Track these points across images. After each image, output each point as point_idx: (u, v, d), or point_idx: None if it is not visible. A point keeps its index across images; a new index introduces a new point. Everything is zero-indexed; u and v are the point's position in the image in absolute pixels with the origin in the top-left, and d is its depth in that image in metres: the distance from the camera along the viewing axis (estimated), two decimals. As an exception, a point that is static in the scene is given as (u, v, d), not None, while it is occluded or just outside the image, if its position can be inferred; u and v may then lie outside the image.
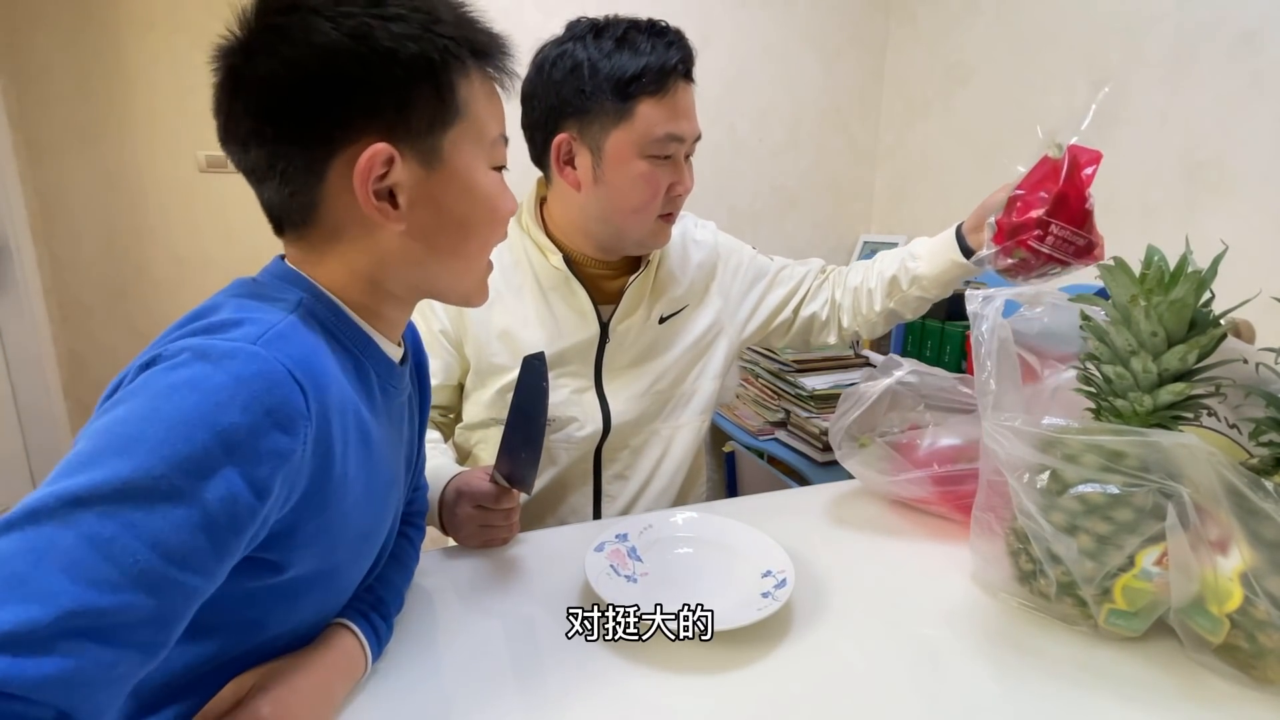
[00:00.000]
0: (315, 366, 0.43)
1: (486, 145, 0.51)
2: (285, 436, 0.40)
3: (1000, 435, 0.61)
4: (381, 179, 0.46)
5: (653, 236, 0.88)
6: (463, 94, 0.48)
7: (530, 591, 0.68)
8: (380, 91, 0.45)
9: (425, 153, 0.48)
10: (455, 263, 0.53)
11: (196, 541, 0.36)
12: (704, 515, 0.78)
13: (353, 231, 0.48)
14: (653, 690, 0.55)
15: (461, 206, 0.50)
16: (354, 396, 0.48)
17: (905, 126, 2.02)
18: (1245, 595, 0.52)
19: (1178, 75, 1.31)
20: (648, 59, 0.78)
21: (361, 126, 0.45)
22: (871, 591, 0.69)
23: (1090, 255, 0.73)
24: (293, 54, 0.44)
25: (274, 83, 0.45)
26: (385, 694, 0.54)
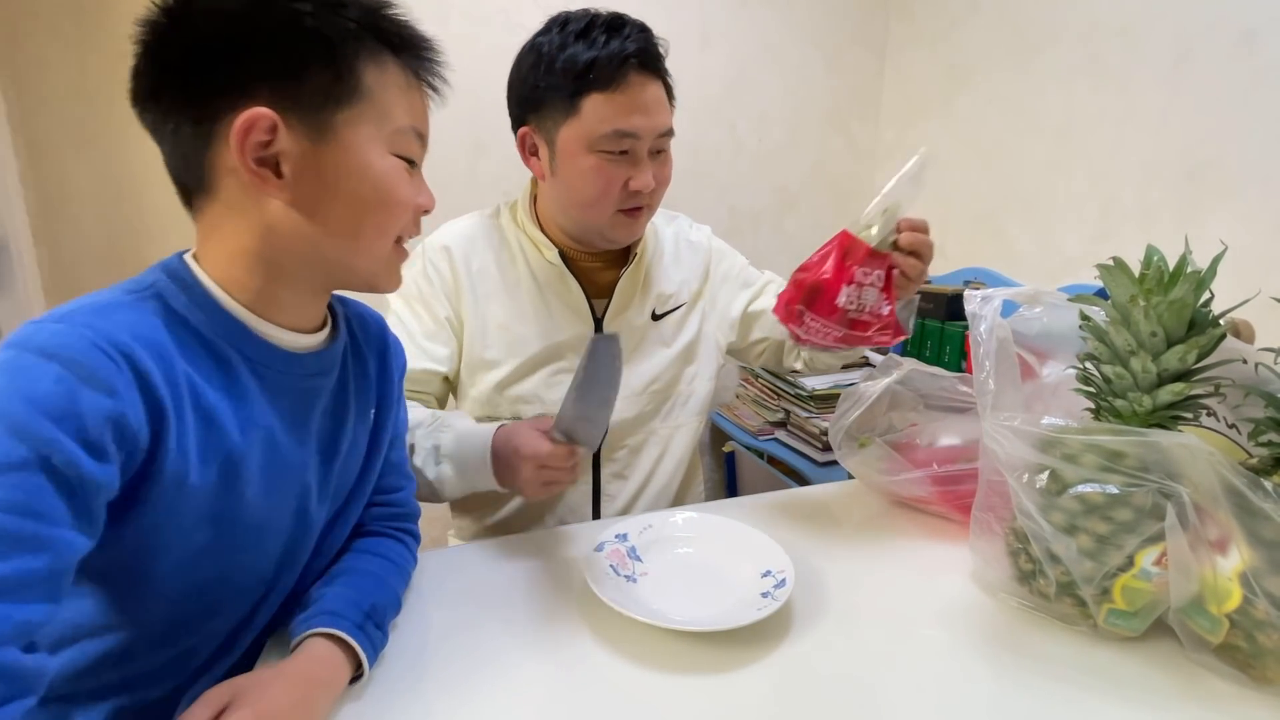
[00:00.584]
0: (127, 338, 0.44)
1: (388, 132, 0.52)
2: (105, 398, 0.42)
3: (1000, 435, 0.61)
4: (267, 146, 0.47)
5: (614, 230, 0.87)
6: (369, 79, 0.50)
7: (530, 592, 0.68)
8: (272, 59, 0.47)
9: (316, 126, 0.49)
10: (349, 243, 0.53)
11: (54, 502, 0.40)
12: (704, 515, 0.78)
13: (242, 203, 0.49)
14: (653, 690, 0.55)
15: (351, 184, 0.51)
16: (191, 376, 0.48)
17: (905, 126, 2.02)
18: (1244, 595, 0.52)
19: (1178, 75, 1.31)
20: (598, 52, 0.77)
21: (251, 92, 0.47)
22: (871, 591, 0.69)
23: (862, 341, 0.70)
24: (194, 20, 0.47)
25: (173, 41, 0.47)
26: (383, 695, 0.54)
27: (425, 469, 0.77)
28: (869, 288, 0.68)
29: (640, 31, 0.81)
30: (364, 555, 0.64)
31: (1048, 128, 1.58)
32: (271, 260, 0.51)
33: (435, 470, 0.77)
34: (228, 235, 0.51)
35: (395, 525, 0.69)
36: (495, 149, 1.68)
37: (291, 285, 0.53)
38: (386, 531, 0.68)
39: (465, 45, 1.62)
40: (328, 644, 0.53)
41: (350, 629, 0.54)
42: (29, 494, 0.39)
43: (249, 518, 0.53)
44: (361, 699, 0.53)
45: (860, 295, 0.68)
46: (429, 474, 0.77)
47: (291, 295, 0.54)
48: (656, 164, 0.85)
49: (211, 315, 0.50)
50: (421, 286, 0.90)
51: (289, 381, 0.55)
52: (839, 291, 0.66)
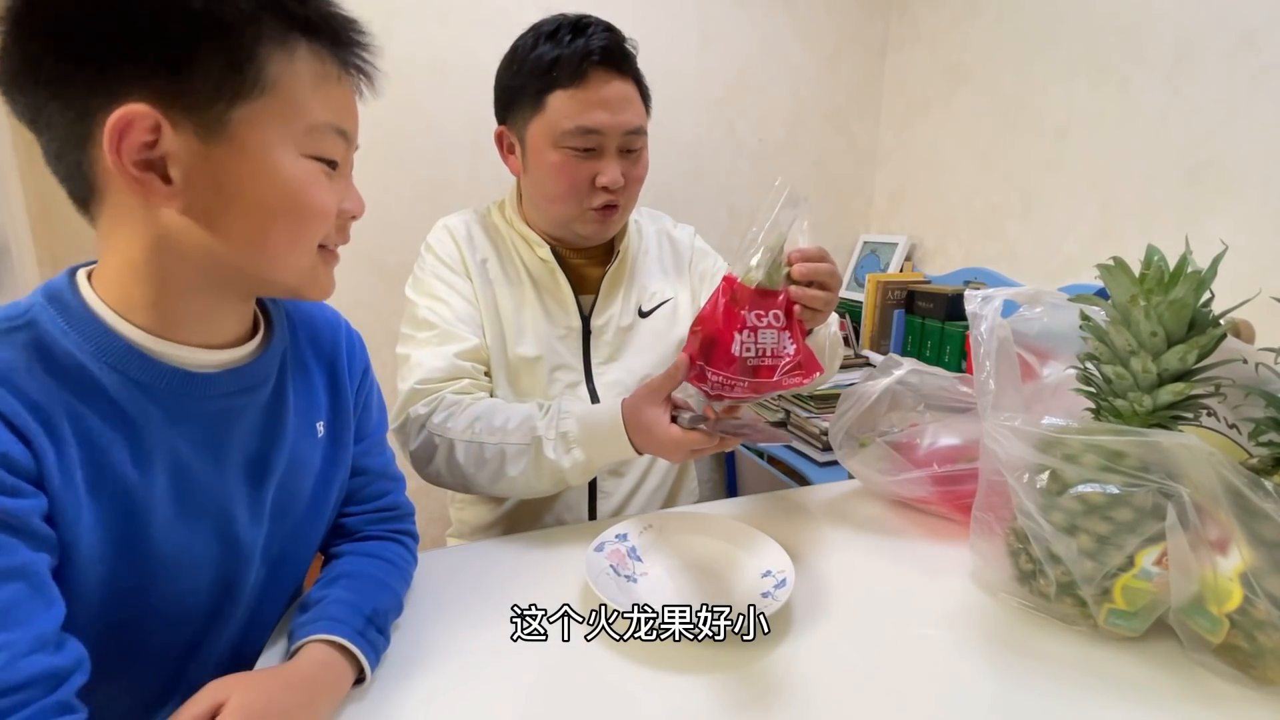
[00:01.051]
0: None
1: (298, 130, 0.46)
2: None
3: (1000, 435, 0.61)
4: (151, 147, 0.42)
5: (584, 226, 0.88)
6: (273, 69, 0.43)
7: (530, 592, 0.68)
8: (154, 45, 0.40)
9: (207, 124, 0.42)
10: (257, 254, 0.47)
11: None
12: (704, 515, 0.78)
13: (130, 210, 0.44)
14: (653, 690, 0.55)
15: (254, 190, 0.45)
16: (73, 406, 0.44)
17: (905, 126, 2.02)
18: (1245, 595, 0.52)
19: (1178, 75, 1.31)
20: (562, 50, 0.79)
21: (128, 84, 0.40)
22: (871, 591, 0.69)
23: (771, 387, 0.66)
24: (63, 2, 0.40)
25: (36, 19, 0.41)
26: (384, 695, 0.54)
27: (559, 459, 0.77)
28: (765, 330, 0.65)
29: (605, 31, 0.82)
30: (363, 558, 0.64)
31: (1048, 128, 1.58)
32: (168, 273, 0.46)
33: (569, 458, 0.77)
34: (119, 246, 0.45)
35: (391, 529, 0.69)
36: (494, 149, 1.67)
37: (193, 299, 0.48)
38: (383, 535, 0.68)
39: (465, 45, 1.62)
40: (328, 649, 0.53)
41: (351, 635, 0.54)
42: None
43: (158, 550, 0.49)
44: (362, 699, 0.53)
45: (756, 339, 0.64)
46: (564, 463, 0.76)
47: (195, 309, 0.49)
48: (628, 162, 0.86)
49: (95, 340, 0.45)
50: (441, 274, 0.90)
51: (195, 405, 0.50)
52: (732, 340, 0.63)
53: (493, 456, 0.78)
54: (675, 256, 1.02)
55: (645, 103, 0.87)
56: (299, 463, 0.59)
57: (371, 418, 0.69)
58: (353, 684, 0.54)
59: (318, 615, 0.55)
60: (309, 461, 0.60)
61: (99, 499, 0.46)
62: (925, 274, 1.95)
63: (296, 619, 0.56)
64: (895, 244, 1.99)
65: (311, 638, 0.53)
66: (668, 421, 0.70)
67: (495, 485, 0.80)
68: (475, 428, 0.79)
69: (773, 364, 0.65)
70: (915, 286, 1.80)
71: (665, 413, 0.71)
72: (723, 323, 0.65)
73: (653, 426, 0.70)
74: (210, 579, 0.54)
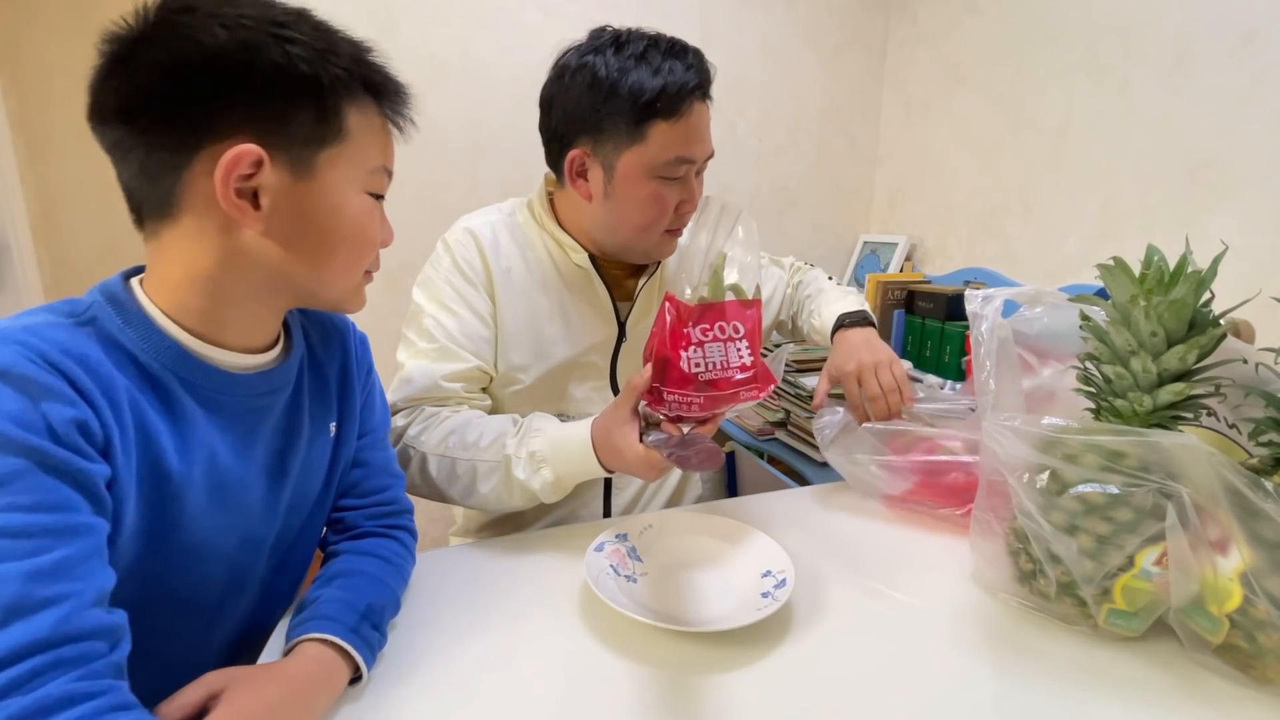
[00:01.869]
0: (58, 354, 0.44)
1: (364, 172, 0.54)
2: (66, 406, 0.43)
3: (1000, 435, 0.61)
4: (248, 179, 0.48)
5: (657, 249, 0.90)
6: (351, 121, 0.52)
7: (530, 592, 0.68)
8: (261, 100, 0.48)
9: (298, 163, 0.50)
10: (318, 272, 0.54)
11: (68, 493, 0.43)
12: (704, 515, 0.78)
13: (206, 230, 0.49)
14: (653, 690, 0.55)
15: (327, 220, 0.52)
16: (132, 392, 0.48)
17: (905, 126, 2.02)
18: (1245, 595, 0.52)
19: (1178, 75, 1.31)
20: (665, 80, 0.78)
21: (235, 126, 0.47)
22: (871, 591, 0.69)
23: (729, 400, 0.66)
24: (179, 47, 0.46)
25: (153, 70, 0.46)
26: (383, 695, 0.54)
27: (529, 479, 0.76)
28: (712, 344, 0.64)
29: (699, 59, 0.82)
30: (360, 556, 0.64)
31: (1048, 128, 1.58)
32: (226, 285, 0.51)
33: (538, 478, 0.76)
34: (181, 259, 0.50)
35: (389, 524, 0.69)
36: (495, 150, 1.67)
37: (242, 308, 0.54)
38: (381, 531, 0.68)
39: (465, 45, 1.62)
40: (321, 647, 0.53)
41: (344, 633, 0.54)
42: (42, 493, 0.41)
43: (186, 539, 0.53)
44: (360, 699, 0.53)
45: (705, 354, 0.64)
46: (533, 483, 0.76)
47: (241, 317, 0.54)
48: (697, 184, 0.88)
49: (149, 340, 0.50)
50: (455, 284, 0.88)
51: (233, 403, 0.55)
52: (679, 358, 0.63)
53: (464, 473, 0.79)
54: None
55: None
56: (312, 462, 0.63)
57: (374, 414, 0.72)
58: (351, 682, 0.54)
59: (312, 614, 0.55)
60: (320, 461, 0.64)
61: (143, 484, 0.49)
62: (925, 274, 1.94)
63: (292, 619, 0.57)
64: (895, 244, 1.99)
65: (305, 636, 0.53)
66: (636, 441, 0.70)
67: (468, 500, 0.80)
68: (449, 442, 0.79)
69: (726, 377, 0.65)
70: (915, 286, 1.80)
71: (634, 431, 0.70)
72: (670, 343, 0.65)
73: (623, 449, 0.70)
74: (224, 570, 0.57)
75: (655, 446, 0.67)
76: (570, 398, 0.93)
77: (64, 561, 0.41)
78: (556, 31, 0.88)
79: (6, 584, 0.39)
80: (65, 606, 0.40)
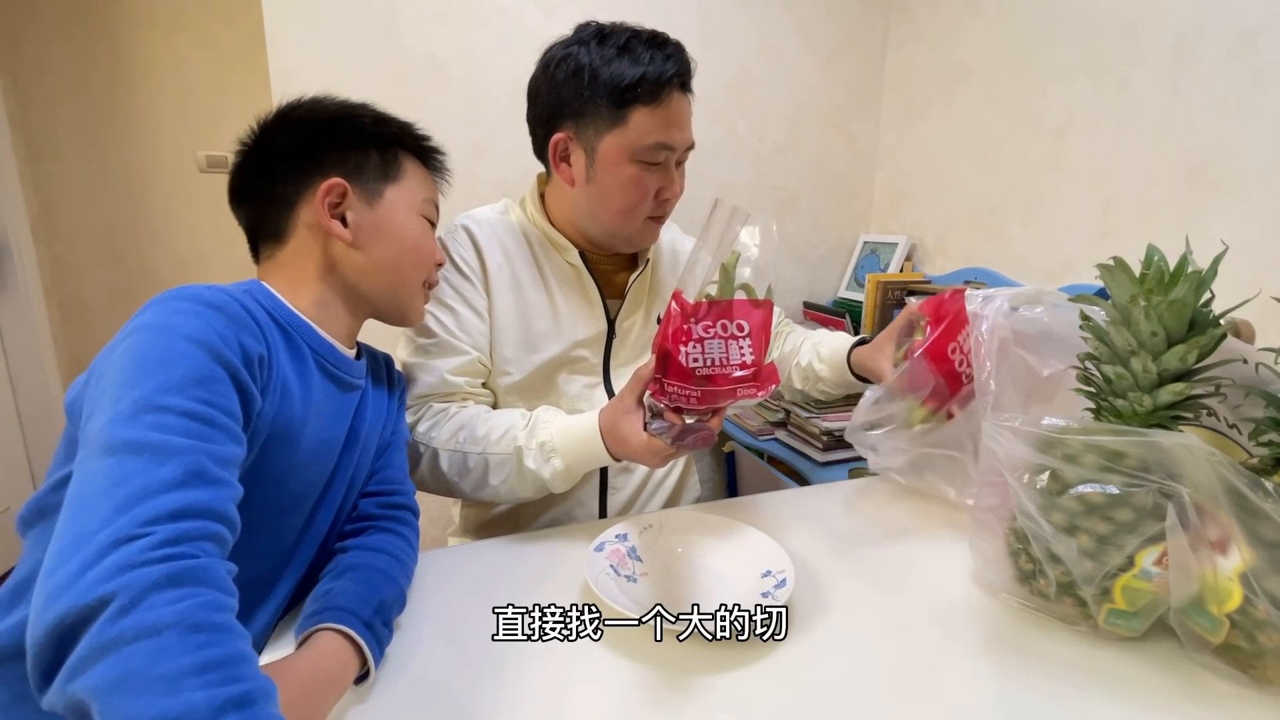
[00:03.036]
0: (249, 312, 0.58)
1: (418, 201, 0.74)
2: (255, 341, 0.56)
3: (1000, 435, 0.61)
4: (337, 207, 0.67)
5: (640, 235, 0.92)
6: (405, 166, 0.73)
7: (530, 592, 0.68)
8: (343, 150, 0.69)
9: (370, 193, 0.70)
10: (393, 276, 0.72)
11: (240, 409, 0.53)
12: (704, 515, 0.78)
13: (310, 247, 0.68)
14: (653, 690, 0.55)
15: (393, 232, 0.71)
16: (279, 350, 0.60)
17: (905, 126, 2.02)
18: (1245, 595, 0.52)
19: (1178, 75, 1.31)
20: (645, 69, 0.81)
21: (328, 170, 0.67)
22: (871, 591, 0.69)
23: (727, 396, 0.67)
24: (296, 127, 0.69)
25: (271, 143, 0.69)
26: (383, 694, 0.54)
27: (539, 469, 0.79)
28: (712, 340, 0.66)
29: (679, 50, 0.85)
30: (371, 552, 0.65)
31: (1048, 127, 1.58)
32: (330, 285, 0.69)
33: (548, 467, 0.79)
34: (295, 270, 0.68)
35: (398, 515, 0.71)
36: (494, 150, 1.68)
37: (340, 307, 0.70)
38: (389, 525, 0.69)
39: (465, 46, 1.62)
40: (337, 641, 0.53)
41: (360, 627, 0.55)
42: (229, 400, 0.51)
43: (284, 489, 0.61)
44: (361, 698, 0.53)
45: (704, 350, 0.65)
46: (544, 472, 0.79)
47: (338, 315, 0.70)
48: (678, 174, 0.90)
49: (285, 318, 0.64)
50: (451, 280, 0.90)
51: (340, 377, 0.69)
52: (679, 353, 0.65)
53: (475, 466, 0.81)
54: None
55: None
56: (370, 441, 0.74)
57: (403, 423, 0.81)
58: (357, 680, 0.54)
59: (326, 605, 0.56)
60: (373, 442, 0.74)
61: (273, 428, 0.58)
62: (925, 274, 1.94)
63: (305, 610, 0.57)
64: (895, 244, 1.99)
65: (320, 626, 0.54)
66: (641, 429, 0.73)
67: (479, 493, 0.82)
68: (459, 437, 0.82)
69: (724, 374, 0.66)
70: (915, 286, 1.80)
71: (638, 420, 0.73)
72: (671, 337, 0.66)
73: (628, 436, 0.74)
74: (301, 522, 0.66)
75: (657, 434, 0.71)
76: (562, 393, 0.94)
77: (231, 458, 0.49)
78: (556, 31, 0.89)
79: (195, 454, 0.46)
80: (226, 490, 0.47)
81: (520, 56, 0.93)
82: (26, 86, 2.15)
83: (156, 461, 0.44)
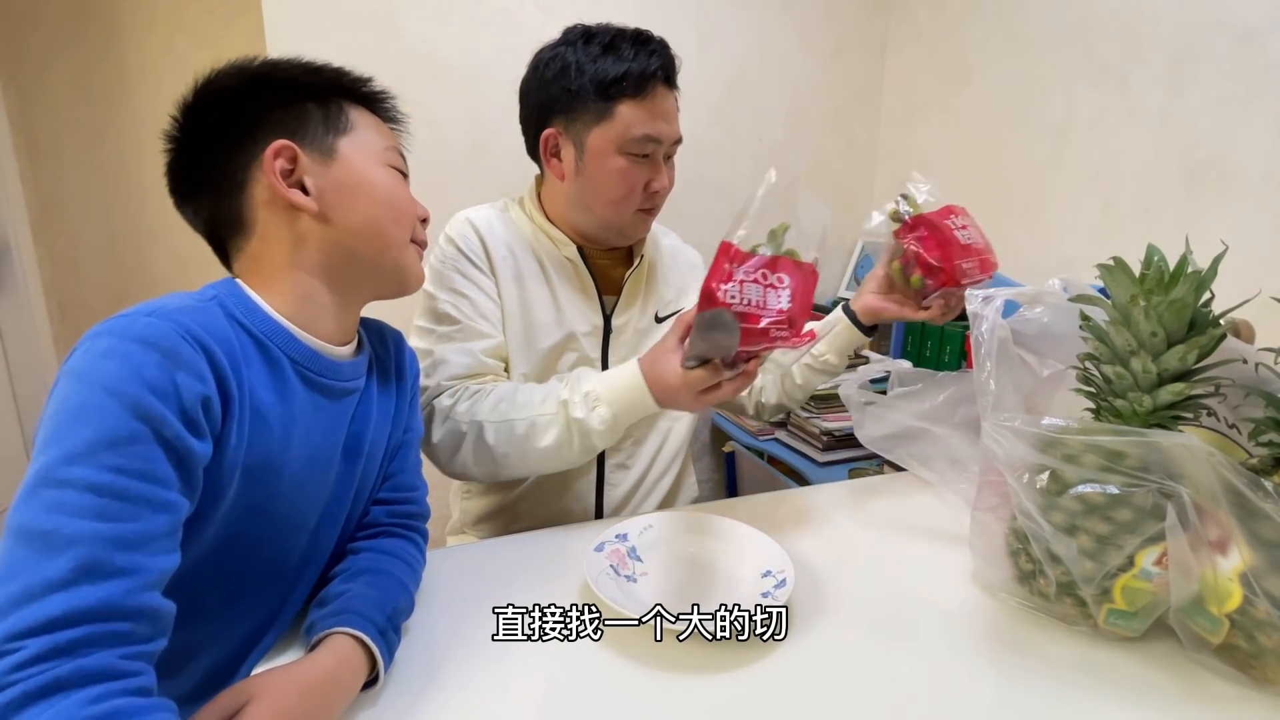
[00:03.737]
0: (203, 333, 0.50)
1: (378, 150, 0.64)
2: (197, 382, 0.48)
3: (1000, 435, 0.61)
4: (291, 173, 0.58)
5: (632, 227, 0.94)
6: (352, 116, 0.63)
7: (531, 592, 0.68)
8: (280, 110, 0.60)
9: (323, 151, 0.60)
10: (373, 239, 0.62)
11: (167, 469, 0.46)
12: (704, 515, 0.78)
13: (277, 229, 0.59)
14: (653, 690, 0.55)
15: (364, 190, 0.62)
16: (248, 374, 0.54)
17: (905, 126, 2.02)
18: (1245, 595, 0.52)
19: (1178, 75, 1.31)
20: (630, 64, 0.84)
21: (269, 135, 0.58)
22: (871, 591, 0.69)
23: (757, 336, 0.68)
24: (220, 100, 0.60)
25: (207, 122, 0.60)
26: (383, 694, 0.54)
27: (587, 418, 0.79)
28: (751, 284, 0.68)
29: (662, 46, 0.88)
30: (384, 556, 0.65)
31: (1048, 128, 1.58)
32: (308, 275, 0.60)
33: (595, 415, 0.79)
34: (267, 261, 0.59)
35: (409, 525, 0.70)
36: (495, 149, 1.67)
37: (326, 296, 0.61)
38: (400, 532, 0.69)
39: (465, 46, 1.62)
40: (350, 643, 0.53)
41: (374, 633, 0.54)
42: (149, 462, 0.45)
43: (280, 511, 0.58)
44: (361, 697, 0.53)
45: (742, 291, 0.67)
46: (592, 421, 0.79)
47: (327, 306, 0.62)
48: (667, 168, 0.92)
49: (263, 324, 0.57)
50: (463, 269, 0.91)
51: (329, 385, 0.61)
52: (717, 290, 0.67)
53: (524, 431, 0.81)
54: (689, 273, 1.08)
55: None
56: (377, 447, 0.69)
57: (416, 415, 0.77)
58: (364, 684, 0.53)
59: (342, 608, 0.56)
60: (381, 447, 0.70)
61: (250, 459, 0.53)
62: (925, 274, 1.94)
63: (317, 612, 0.57)
64: (895, 244, 1.99)
65: (335, 630, 0.54)
66: (679, 367, 0.73)
67: (526, 461, 0.83)
68: (500, 408, 0.83)
69: (758, 314, 0.67)
70: (915, 286, 1.80)
71: (677, 358, 0.74)
72: (711, 275, 0.67)
73: (665, 374, 0.75)
74: (306, 540, 0.62)
75: (693, 367, 0.72)
76: None
77: (145, 534, 0.43)
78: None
79: (91, 543, 0.41)
80: (131, 580, 0.42)
81: (520, 57, 0.93)
82: (26, 86, 2.15)
83: (46, 554, 0.40)
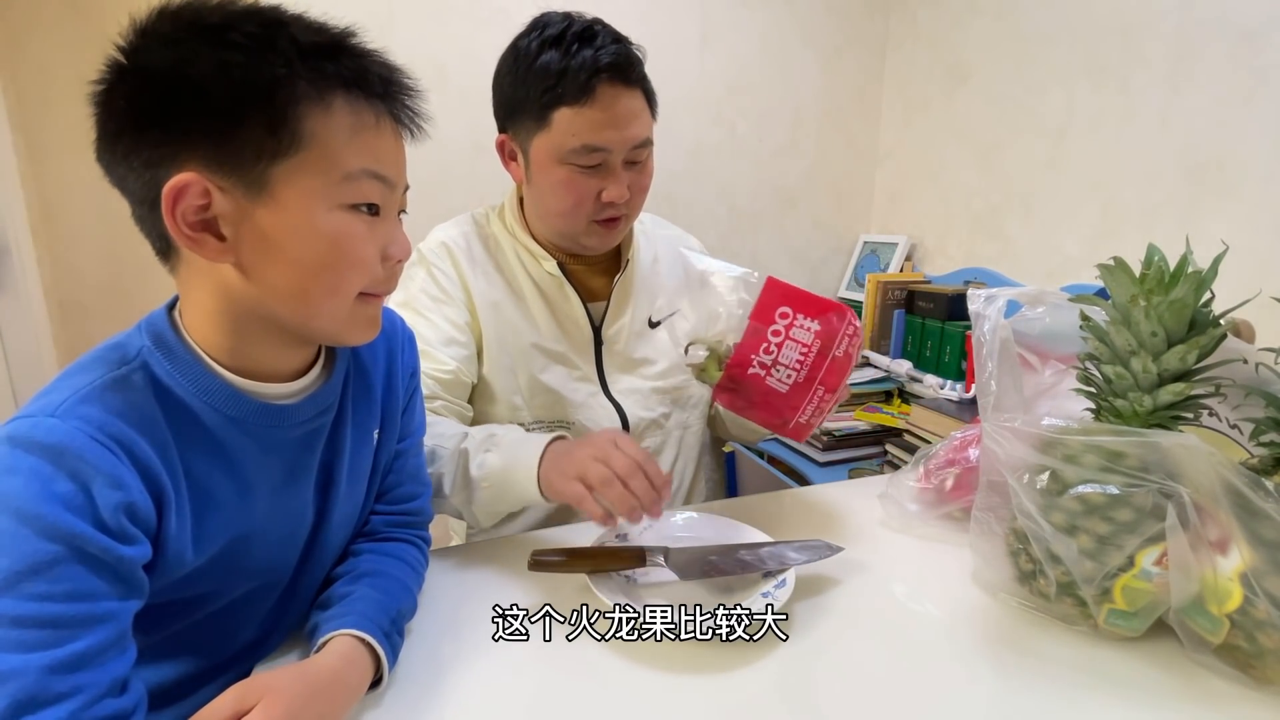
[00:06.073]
0: (122, 425, 0.45)
1: (335, 180, 0.46)
2: (114, 491, 0.43)
3: (1000, 436, 0.61)
4: (205, 210, 0.44)
5: (589, 238, 0.86)
6: (307, 125, 0.45)
7: (531, 592, 0.68)
8: (204, 114, 0.43)
9: (249, 183, 0.44)
10: (297, 305, 0.49)
11: (96, 583, 0.42)
12: (704, 515, 0.78)
13: (200, 264, 0.47)
14: (652, 690, 0.55)
15: (295, 244, 0.46)
16: (186, 457, 0.48)
17: (905, 126, 2.02)
18: (1245, 595, 0.52)
19: (1178, 75, 1.31)
20: (568, 63, 0.75)
21: (186, 151, 0.43)
22: (871, 591, 0.69)
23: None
24: (143, 68, 0.44)
25: (119, 100, 0.44)
26: (383, 696, 0.54)
27: (471, 458, 0.73)
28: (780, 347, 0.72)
29: (614, 41, 0.78)
30: (387, 558, 0.64)
31: (1048, 128, 1.58)
32: (235, 320, 0.49)
33: (479, 459, 0.72)
34: (196, 294, 0.49)
35: (411, 531, 0.69)
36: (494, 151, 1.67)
37: (259, 343, 0.51)
38: (402, 537, 0.68)
39: (465, 45, 1.62)
40: (355, 645, 0.53)
41: (379, 635, 0.54)
42: (74, 582, 0.41)
43: (254, 556, 0.55)
44: (365, 698, 0.53)
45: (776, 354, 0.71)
46: (473, 466, 0.72)
47: (263, 352, 0.51)
48: (633, 173, 0.83)
49: (197, 381, 0.48)
50: (432, 293, 0.88)
51: (283, 433, 0.54)
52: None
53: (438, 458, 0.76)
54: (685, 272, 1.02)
55: (652, 109, 0.84)
56: (357, 471, 0.62)
57: (414, 417, 0.70)
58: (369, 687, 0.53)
59: (347, 610, 0.55)
60: (364, 468, 0.63)
61: (202, 534, 0.50)
62: (925, 274, 1.95)
63: (320, 614, 0.56)
64: (895, 244, 1.99)
65: (340, 631, 0.53)
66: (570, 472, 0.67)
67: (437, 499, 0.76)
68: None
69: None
70: (915, 286, 1.80)
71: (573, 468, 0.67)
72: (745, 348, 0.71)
73: (594, 434, 0.70)
74: (286, 574, 0.60)
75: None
76: (568, 403, 0.92)
77: (85, 653, 0.41)
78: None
79: (25, 676, 0.39)
80: (78, 700, 0.40)
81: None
82: (26, 87, 2.15)
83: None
